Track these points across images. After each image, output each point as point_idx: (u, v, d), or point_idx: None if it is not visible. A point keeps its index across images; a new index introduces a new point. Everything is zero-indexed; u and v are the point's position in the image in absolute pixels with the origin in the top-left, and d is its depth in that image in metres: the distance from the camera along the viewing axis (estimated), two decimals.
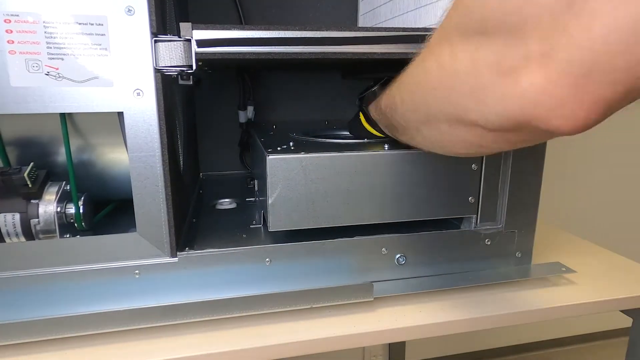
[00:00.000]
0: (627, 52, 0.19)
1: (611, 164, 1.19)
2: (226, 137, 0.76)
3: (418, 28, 0.43)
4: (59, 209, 0.40)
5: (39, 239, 0.39)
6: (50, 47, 0.34)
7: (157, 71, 0.37)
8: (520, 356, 1.34)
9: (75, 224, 0.41)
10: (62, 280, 0.38)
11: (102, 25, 0.34)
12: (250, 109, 0.74)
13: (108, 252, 0.39)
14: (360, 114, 0.51)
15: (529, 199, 0.48)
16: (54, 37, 0.34)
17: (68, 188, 0.41)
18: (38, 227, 0.39)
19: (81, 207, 0.41)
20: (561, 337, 1.37)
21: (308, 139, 0.53)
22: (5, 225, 0.39)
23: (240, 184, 0.70)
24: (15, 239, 0.39)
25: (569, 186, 1.17)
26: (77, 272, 0.38)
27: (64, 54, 0.34)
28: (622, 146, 1.18)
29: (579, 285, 0.50)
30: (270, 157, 0.41)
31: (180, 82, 0.41)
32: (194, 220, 0.51)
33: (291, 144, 0.47)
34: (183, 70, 0.38)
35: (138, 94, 0.36)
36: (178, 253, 0.40)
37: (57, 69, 0.34)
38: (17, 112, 0.34)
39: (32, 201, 0.39)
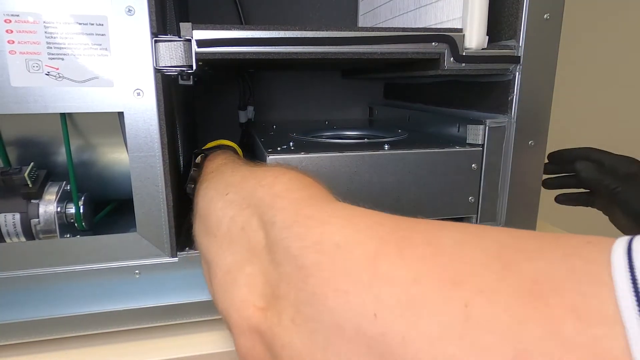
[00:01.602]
0: None
1: None
2: (226, 137, 0.76)
3: (418, 28, 0.43)
4: (59, 209, 0.40)
5: (39, 239, 0.39)
6: (51, 47, 0.34)
7: (157, 71, 0.37)
8: None
9: (76, 224, 0.41)
10: (62, 280, 0.38)
11: (102, 25, 0.34)
12: (250, 109, 0.74)
13: (108, 252, 0.39)
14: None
15: (529, 199, 0.48)
16: (54, 37, 0.34)
17: (68, 188, 0.41)
18: (38, 227, 0.39)
19: (81, 207, 0.41)
20: None
21: (308, 139, 0.53)
22: (6, 225, 0.39)
23: None
24: (15, 239, 0.39)
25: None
26: (77, 272, 0.38)
27: (64, 54, 0.34)
28: (622, 146, 1.18)
29: None
30: (270, 157, 0.41)
31: (181, 82, 0.41)
32: None
33: (291, 144, 0.47)
34: (183, 70, 0.38)
35: (138, 94, 0.36)
36: (178, 253, 0.40)
37: (58, 69, 0.34)
38: (17, 112, 0.34)
39: (33, 201, 0.39)
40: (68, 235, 0.41)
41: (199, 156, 0.43)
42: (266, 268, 0.23)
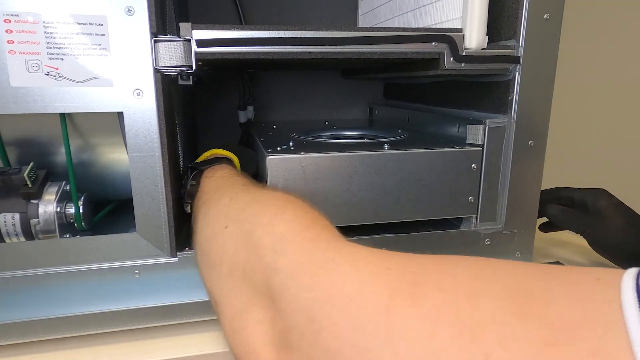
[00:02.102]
0: None
1: (611, 164, 1.19)
2: (226, 137, 0.76)
3: (418, 28, 0.43)
4: (58, 209, 0.40)
5: (39, 239, 0.39)
6: (50, 47, 0.34)
7: (157, 71, 0.37)
8: None
9: (75, 224, 0.41)
10: (62, 280, 0.38)
11: (102, 25, 0.34)
12: (250, 109, 0.74)
13: (108, 252, 0.39)
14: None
15: (529, 199, 0.48)
16: (54, 37, 0.34)
17: (68, 188, 0.41)
18: (38, 227, 0.39)
19: (81, 207, 0.41)
20: None
21: (308, 139, 0.53)
22: (5, 225, 0.39)
23: None
24: (15, 239, 0.39)
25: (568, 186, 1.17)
26: (77, 272, 0.38)
27: (63, 54, 0.34)
28: (622, 146, 1.18)
29: None
30: (270, 157, 0.41)
31: (180, 82, 0.41)
32: None
33: (291, 144, 0.47)
34: (183, 70, 0.38)
35: (138, 94, 0.36)
36: (178, 253, 0.40)
37: (57, 69, 0.34)
38: (16, 112, 0.34)
39: (32, 201, 0.39)
40: (68, 235, 0.41)
41: (195, 171, 0.41)
42: (272, 316, 0.23)
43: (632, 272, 0.14)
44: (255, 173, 0.49)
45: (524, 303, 0.16)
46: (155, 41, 0.36)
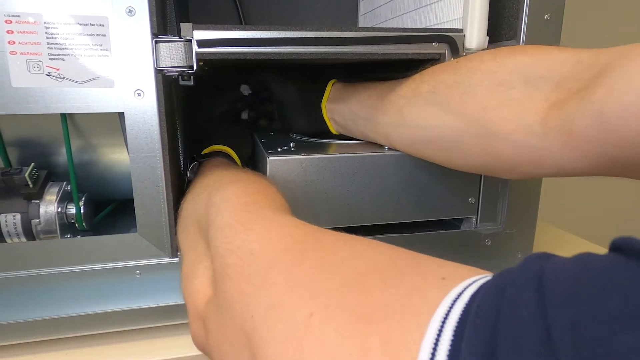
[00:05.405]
0: None
1: None
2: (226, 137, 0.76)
3: (418, 28, 0.43)
4: (59, 209, 0.40)
5: (40, 239, 0.39)
6: (51, 48, 0.34)
7: (158, 72, 0.37)
8: None
9: (76, 224, 0.41)
10: (63, 280, 0.38)
11: (103, 25, 0.34)
12: None
13: (109, 252, 0.39)
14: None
15: (529, 199, 0.48)
16: (55, 38, 0.34)
17: (69, 188, 0.41)
18: (39, 228, 0.39)
19: (82, 208, 0.41)
20: None
21: (308, 139, 0.53)
22: (6, 226, 0.39)
23: None
24: (16, 239, 0.39)
25: (568, 186, 1.17)
26: (77, 272, 0.38)
27: (65, 55, 0.34)
28: None
29: None
30: (271, 158, 0.41)
31: (181, 82, 0.41)
32: None
33: (291, 145, 0.47)
34: (184, 71, 0.38)
35: (139, 95, 0.36)
36: (179, 253, 0.40)
37: (58, 69, 0.34)
38: (18, 112, 0.34)
39: (33, 201, 0.39)
40: (69, 236, 0.41)
41: (195, 163, 0.46)
42: (210, 263, 0.27)
43: (467, 282, 0.15)
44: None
45: (371, 282, 0.17)
46: (156, 42, 0.36)
